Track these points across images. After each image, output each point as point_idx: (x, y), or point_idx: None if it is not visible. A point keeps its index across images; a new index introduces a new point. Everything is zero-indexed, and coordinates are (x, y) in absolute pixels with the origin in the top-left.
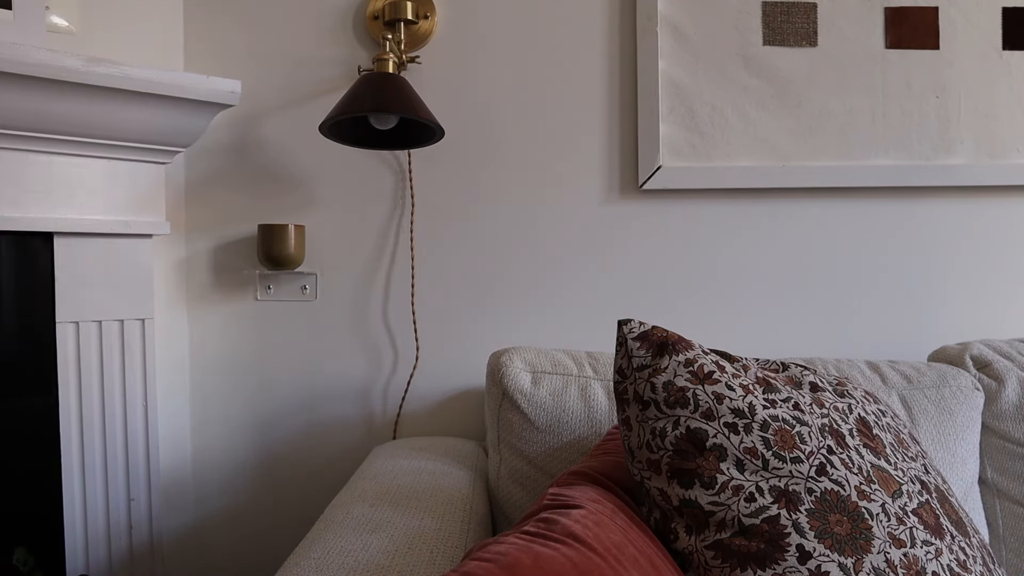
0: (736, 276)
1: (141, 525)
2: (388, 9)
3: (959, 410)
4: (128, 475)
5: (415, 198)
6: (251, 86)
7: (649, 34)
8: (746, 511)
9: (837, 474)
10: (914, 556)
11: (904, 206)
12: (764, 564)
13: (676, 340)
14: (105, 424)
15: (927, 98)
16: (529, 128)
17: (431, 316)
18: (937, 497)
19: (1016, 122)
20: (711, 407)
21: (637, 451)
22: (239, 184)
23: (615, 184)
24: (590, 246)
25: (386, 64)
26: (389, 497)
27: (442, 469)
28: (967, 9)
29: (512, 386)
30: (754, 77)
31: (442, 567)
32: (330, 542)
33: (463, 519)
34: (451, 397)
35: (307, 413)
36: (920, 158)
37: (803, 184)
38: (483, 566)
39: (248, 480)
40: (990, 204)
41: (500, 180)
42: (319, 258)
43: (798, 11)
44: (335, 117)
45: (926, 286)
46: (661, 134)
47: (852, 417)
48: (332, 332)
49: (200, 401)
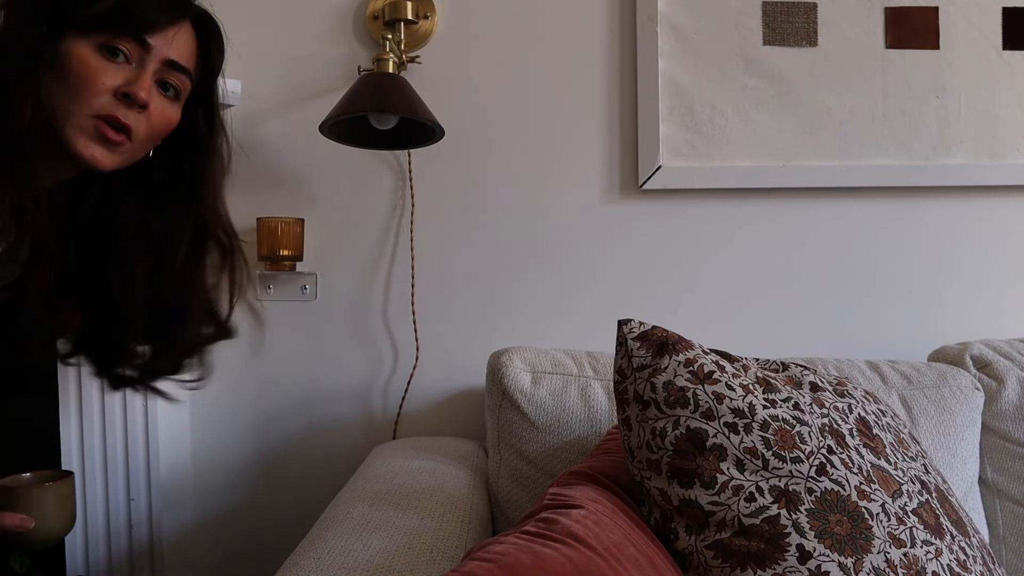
0: (736, 276)
1: (141, 525)
2: (388, 9)
3: (959, 410)
4: (128, 475)
5: (415, 198)
6: (251, 86)
7: (649, 34)
8: (746, 511)
9: (837, 474)
10: (914, 556)
11: (904, 206)
12: (764, 564)
13: (676, 340)
14: (105, 424)
15: (927, 98)
16: (529, 128)
17: (431, 316)
18: (937, 497)
19: (1016, 122)
20: (711, 407)
21: (637, 451)
22: (239, 184)
23: (615, 184)
24: (590, 246)
25: (386, 64)
26: (389, 497)
27: (442, 469)
28: (967, 9)
29: (512, 386)
30: (754, 77)
31: (442, 567)
32: (330, 542)
33: (463, 519)
34: (451, 397)
35: (307, 413)
36: (920, 158)
37: (803, 184)
38: (483, 566)
39: (248, 480)
40: (990, 204)
41: (500, 180)
42: (319, 258)
43: (798, 11)
44: (335, 117)
45: (926, 286)
46: (661, 134)
47: (852, 417)
48: (332, 332)
49: (200, 401)
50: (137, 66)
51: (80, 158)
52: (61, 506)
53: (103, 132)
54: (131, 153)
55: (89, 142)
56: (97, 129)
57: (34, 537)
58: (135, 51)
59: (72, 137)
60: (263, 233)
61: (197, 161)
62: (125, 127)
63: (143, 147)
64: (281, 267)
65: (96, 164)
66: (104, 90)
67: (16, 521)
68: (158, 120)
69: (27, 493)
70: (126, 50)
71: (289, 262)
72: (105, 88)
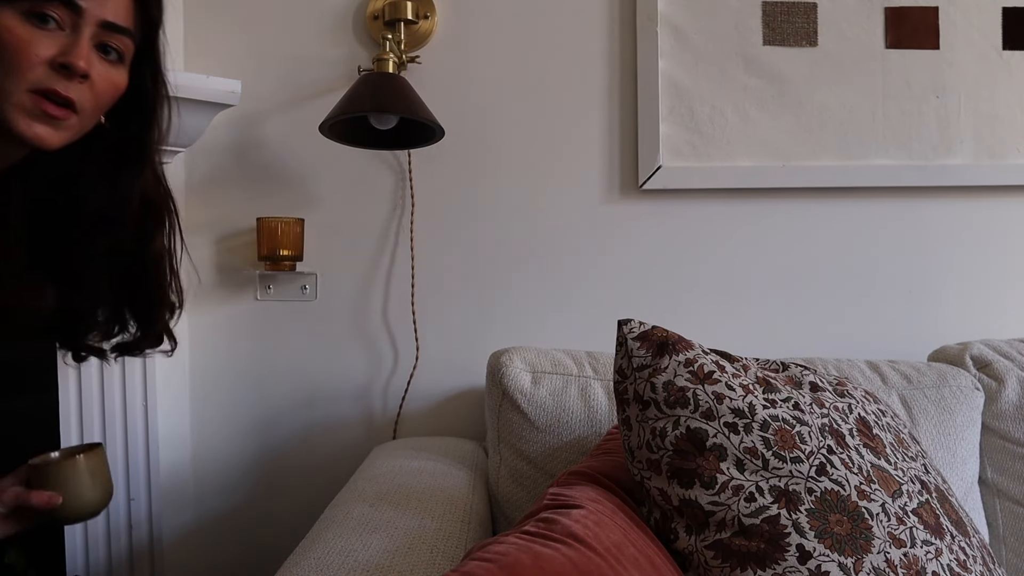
0: (736, 276)
1: (141, 525)
2: (388, 9)
3: (959, 410)
4: (128, 475)
5: (415, 198)
6: (251, 86)
7: (649, 34)
8: (746, 511)
9: (837, 474)
10: (914, 556)
11: (904, 206)
12: (764, 564)
13: (676, 340)
14: (105, 424)
15: (927, 98)
16: (529, 128)
17: (431, 316)
18: (937, 497)
19: (1016, 122)
20: (711, 407)
21: (637, 451)
22: (239, 184)
23: (615, 184)
24: (590, 246)
25: (386, 64)
26: (389, 497)
27: (442, 469)
28: (967, 9)
29: (512, 386)
30: (754, 77)
31: (442, 567)
32: (330, 542)
33: (463, 519)
34: (451, 397)
35: (307, 413)
36: (920, 158)
37: (803, 184)
38: (483, 566)
39: (248, 480)
40: (990, 204)
41: (500, 180)
42: (319, 258)
43: (798, 11)
44: (335, 117)
45: (926, 286)
46: (661, 134)
47: (852, 417)
48: (332, 332)
49: (200, 401)
50: (71, 32)
51: (24, 138)
52: (93, 478)
53: (43, 108)
54: (79, 126)
55: (31, 121)
56: (37, 105)
57: (70, 512)
58: (66, 15)
59: (12, 117)
60: (263, 233)
61: (143, 124)
62: (68, 100)
63: (91, 118)
64: (281, 267)
65: (42, 143)
66: (38, 61)
67: (44, 499)
68: (104, 88)
69: (56, 470)
70: (56, 15)
71: (289, 262)
72: (39, 59)
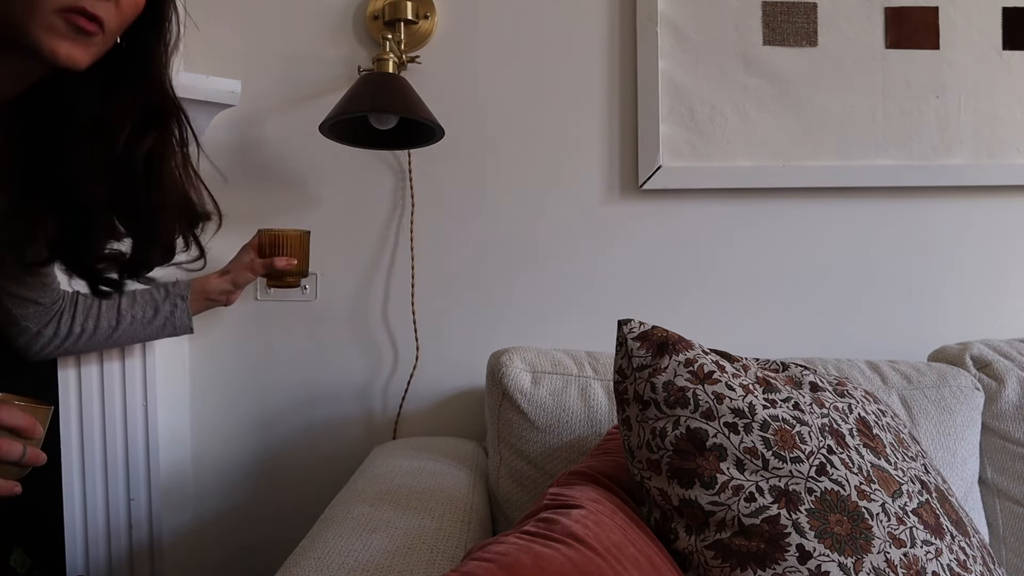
0: (736, 276)
1: (141, 525)
2: (388, 9)
3: (959, 410)
4: (128, 475)
5: (415, 198)
6: (251, 86)
7: (649, 34)
8: (746, 511)
9: (837, 474)
10: (914, 556)
11: (904, 206)
12: (764, 564)
13: (676, 340)
14: (105, 424)
15: (927, 98)
16: (529, 128)
17: (431, 316)
18: (937, 497)
19: (1016, 122)
20: (711, 407)
21: (637, 451)
22: (239, 184)
23: (615, 184)
24: (590, 246)
25: (386, 64)
26: (389, 497)
27: (442, 469)
28: (967, 9)
29: (512, 386)
30: (754, 77)
31: (442, 567)
32: (330, 542)
33: (463, 519)
34: (451, 397)
35: (307, 413)
36: (920, 158)
37: (803, 184)
38: (483, 566)
39: (248, 480)
40: (990, 204)
41: (500, 180)
42: (319, 258)
43: (798, 11)
44: (335, 117)
45: (926, 286)
46: (661, 134)
47: (852, 417)
48: (332, 332)
49: (200, 401)
50: None
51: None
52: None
53: (76, 22)
54: (104, 45)
55: (62, 40)
56: (68, 22)
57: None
58: None
59: (41, 37)
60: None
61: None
62: (96, 17)
63: (113, 37)
64: (285, 283)
65: (73, 63)
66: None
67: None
68: (128, 5)
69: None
70: None
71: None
72: None
